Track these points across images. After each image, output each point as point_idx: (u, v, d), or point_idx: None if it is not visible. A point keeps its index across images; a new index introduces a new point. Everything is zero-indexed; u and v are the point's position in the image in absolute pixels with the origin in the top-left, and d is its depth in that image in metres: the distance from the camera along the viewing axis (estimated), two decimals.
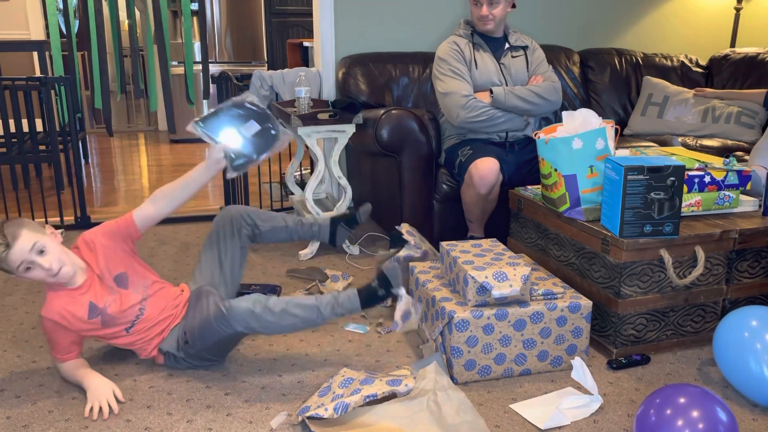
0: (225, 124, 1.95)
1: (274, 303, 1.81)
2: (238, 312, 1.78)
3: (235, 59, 5.92)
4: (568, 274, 2.23)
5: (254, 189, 4.18)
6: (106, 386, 1.81)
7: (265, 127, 1.97)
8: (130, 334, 1.91)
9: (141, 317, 1.91)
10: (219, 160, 1.95)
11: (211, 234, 2.16)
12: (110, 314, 1.86)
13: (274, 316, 1.80)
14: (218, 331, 1.80)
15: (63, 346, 1.87)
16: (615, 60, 3.81)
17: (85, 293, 1.85)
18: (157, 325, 1.94)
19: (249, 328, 1.80)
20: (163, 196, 1.94)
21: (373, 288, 1.88)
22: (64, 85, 3.16)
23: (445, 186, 2.83)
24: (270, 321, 1.80)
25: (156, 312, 1.93)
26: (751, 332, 1.77)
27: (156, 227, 3.38)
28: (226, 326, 1.79)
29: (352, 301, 1.87)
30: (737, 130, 3.41)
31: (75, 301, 1.83)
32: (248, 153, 1.96)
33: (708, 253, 2.03)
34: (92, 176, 4.55)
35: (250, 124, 1.96)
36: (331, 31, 3.48)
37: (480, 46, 2.82)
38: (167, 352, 1.95)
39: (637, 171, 1.88)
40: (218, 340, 1.85)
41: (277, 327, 1.82)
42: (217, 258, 2.13)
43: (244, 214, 2.17)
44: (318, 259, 2.91)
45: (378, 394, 1.71)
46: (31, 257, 1.74)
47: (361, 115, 2.85)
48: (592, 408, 1.77)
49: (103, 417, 1.74)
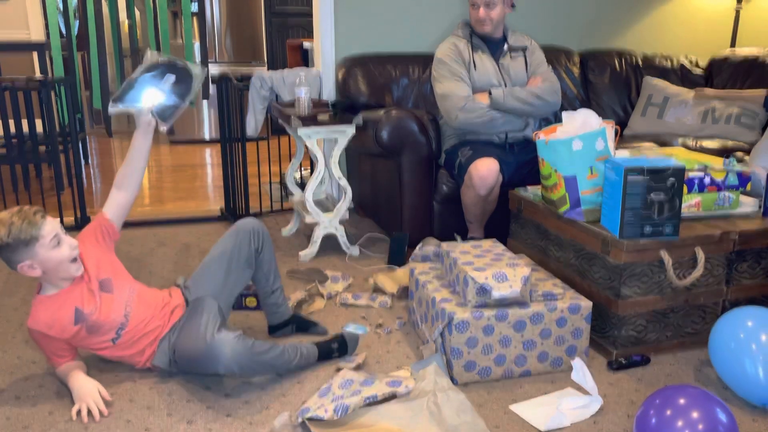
0: (143, 89, 2.00)
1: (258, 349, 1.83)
2: (228, 350, 1.75)
3: (235, 60, 5.92)
4: (568, 275, 2.23)
5: (254, 190, 4.18)
6: (89, 386, 1.80)
7: (180, 73, 2.03)
8: (116, 345, 1.88)
9: (126, 326, 1.87)
10: (148, 121, 1.98)
11: (226, 243, 2.06)
12: (94, 321, 1.82)
13: (255, 363, 1.81)
14: (204, 363, 1.77)
15: (55, 353, 1.86)
16: (615, 61, 3.82)
17: (72, 297, 1.82)
18: (144, 336, 1.90)
19: (230, 372, 1.77)
20: (123, 177, 1.98)
21: (331, 349, 2.05)
22: (64, 86, 3.16)
23: (445, 187, 2.83)
24: (250, 366, 1.81)
25: (142, 321, 1.89)
26: (746, 333, 1.77)
27: (156, 228, 3.38)
28: (212, 361, 1.75)
29: (311, 354, 2.01)
30: (737, 131, 3.41)
31: (61, 307, 1.80)
32: (173, 102, 2.02)
33: (708, 254, 2.03)
34: (92, 177, 4.55)
35: (167, 77, 2.01)
36: (331, 32, 3.48)
37: (479, 47, 2.82)
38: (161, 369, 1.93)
39: (637, 172, 1.88)
40: (204, 372, 1.84)
41: (252, 372, 1.86)
42: (223, 272, 2.04)
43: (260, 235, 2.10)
44: (318, 260, 2.91)
45: (378, 395, 1.71)
46: (60, 233, 1.77)
47: (361, 116, 2.85)
48: (592, 409, 1.77)
49: (94, 419, 1.73)
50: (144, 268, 2.81)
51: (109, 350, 1.89)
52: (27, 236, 1.71)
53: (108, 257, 1.94)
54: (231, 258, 2.04)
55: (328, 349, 2.04)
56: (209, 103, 5.83)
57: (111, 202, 1.97)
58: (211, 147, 5.73)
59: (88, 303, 1.83)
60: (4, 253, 1.73)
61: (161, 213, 3.66)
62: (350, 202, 2.95)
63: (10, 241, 1.70)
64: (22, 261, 1.74)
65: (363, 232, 3.28)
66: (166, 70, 2.02)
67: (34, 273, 1.76)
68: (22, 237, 1.70)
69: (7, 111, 3.28)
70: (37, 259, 1.74)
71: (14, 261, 1.74)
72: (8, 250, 1.71)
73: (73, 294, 1.83)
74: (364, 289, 2.60)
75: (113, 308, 1.86)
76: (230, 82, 3.23)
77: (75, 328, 1.82)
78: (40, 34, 5.42)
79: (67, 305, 1.81)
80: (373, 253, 3.00)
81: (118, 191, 1.97)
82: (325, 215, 2.91)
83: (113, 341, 1.87)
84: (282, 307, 2.19)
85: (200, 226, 3.43)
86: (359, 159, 3.37)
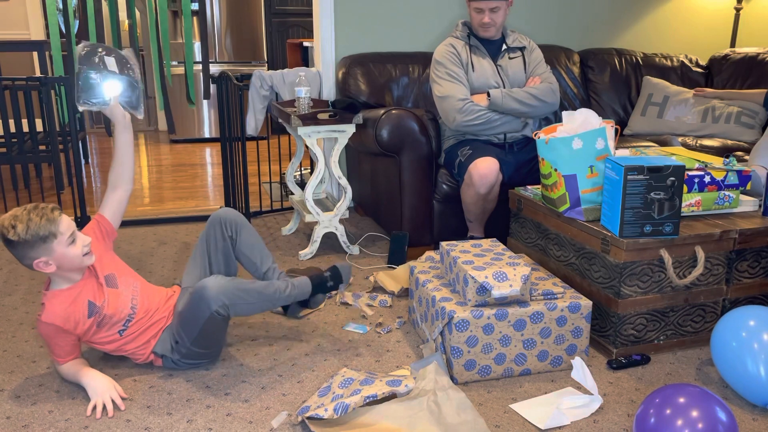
0: (97, 83, 2.00)
1: (243, 282, 1.88)
2: (211, 284, 1.80)
3: (235, 59, 5.92)
4: (568, 274, 2.23)
5: (254, 189, 4.18)
6: (106, 383, 1.81)
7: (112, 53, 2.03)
8: (123, 337, 1.90)
9: (133, 317, 1.91)
10: (122, 114, 2.01)
11: (201, 235, 2.18)
12: (105, 314, 1.85)
13: (242, 291, 1.85)
14: (197, 313, 1.81)
15: (64, 350, 1.86)
16: (615, 60, 3.81)
17: (85, 291, 1.84)
18: (150, 328, 1.93)
19: (222, 306, 1.80)
20: (116, 176, 2.01)
21: (324, 278, 2.09)
22: (64, 85, 3.16)
23: (445, 186, 2.83)
24: (239, 296, 1.84)
25: (148, 313, 1.93)
26: (748, 332, 1.77)
27: (156, 227, 3.38)
28: (202, 302, 1.79)
29: (304, 285, 2.05)
30: (737, 130, 3.41)
31: (75, 300, 1.83)
32: (131, 84, 2.04)
33: (708, 253, 2.03)
34: (92, 176, 4.55)
35: (109, 62, 2.01)
36: (331, 31, 3.48)
37: (477, 48, 2.82)
38: (163, 355, 1.95)
39: (637, 171, 1.88)
40: (201, 327, 1.85)
41: (245, 304, 1.87)
42: (206, 261, 2.16)
43: (230, 222, 2.17)
44: (317, 259, 2.91)
45: (378, 394, 1.71)
46: (75, 230, 1.79)
47: (361, 115, 2.85)
48: (592, 408, 1.77)
49: (108, 415, 1.74)
50: (144, 267, 2.81)
51: (116, 344, 1.91)
52: (46, 233, 1.71)
53: (109, 254, 1.96)
54: (208, 251, 2.16)
55: (321, 278, 2.07)
56: (209, 102, 5.83)
57: (107, 202, 2.00)
58: (211, 146, 5.73)
59: (99, 296, 1.86)
60: (21, 249, 1.72)
61: (161, 212, 3.66)
62: (350, 201, 2.95)
63: (29, 237, 1.69)
64: (38, 257, 1.73)
65: (363, 231, 3.28)
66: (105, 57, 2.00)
67: (49, 269, 1.76)
68: (40, 234, 1.70)
69: (7, 110, 3.28)
70: (54, 256, 1.74)
71: (30, 257, 1.74)
72: (26, 246, 1.71)
73: (85, 288, 1.85)
74: (364, 288, 2.60)
75: (120, 301, 1.89)
76: (230, 82, 3.23)
77: (89, 322, 1.84)
78: (40, 33, 5.43)
79: (80, 299, 1.83)
80: (373, 253, 3.00)
81: (113, 191, 2.00)
82: (325, 214, 2.91)
83: (120, 333, 1.90)
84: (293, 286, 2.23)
85: (200, 225, 3.43)
86: (359, 158, 3.37)
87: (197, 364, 1.98)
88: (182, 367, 1.97)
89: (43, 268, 1.75)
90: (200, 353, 1.94)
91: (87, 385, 1.81)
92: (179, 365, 1.96)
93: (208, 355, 1.97)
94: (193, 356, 1.94)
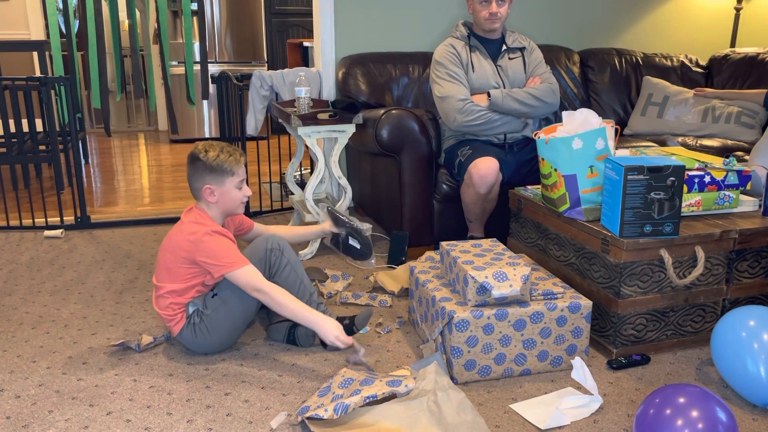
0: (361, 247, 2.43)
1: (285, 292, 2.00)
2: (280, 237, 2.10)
3: (235, 59, 5.92)
4: (568, 274, 2.23)
5: (254, 189, 4.18)
6: (332, 321, 1.96)
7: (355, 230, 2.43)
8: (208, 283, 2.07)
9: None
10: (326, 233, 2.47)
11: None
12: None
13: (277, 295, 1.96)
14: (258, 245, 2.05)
15: (236, 253, 1.97)
16: (615, 60, 3.81)
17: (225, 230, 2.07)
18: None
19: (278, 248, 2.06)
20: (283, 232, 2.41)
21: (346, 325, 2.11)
22: (64, 85, 3.17)
23: (445, 186, 2.83)
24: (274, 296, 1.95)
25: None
26: (748, 332, 1.77)
27: (156, 227, 3.38)
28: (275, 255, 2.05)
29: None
30: (737, 130, 3.41)
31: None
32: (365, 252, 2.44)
33: (708, 253, 2.03)
34: (92, 176, 4.55)
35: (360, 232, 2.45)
36: (331, 31, 3.48)
37: (477, 48, 2.82)
38: (191, 315, 2.02)
39: (637, 171, 1.88)
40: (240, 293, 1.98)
41: (274, 302, 1.95)
42: None
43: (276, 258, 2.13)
44: (318, 259, 2.91)
45: (378, 394, 1.71)
46: (246, 181, 2.09)
47: (361, 115, 2.85)
48: (592, 408, 1.77)
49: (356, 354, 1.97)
50: (144, 267, 2.81)
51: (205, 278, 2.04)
52: (228, 167, 2.01)
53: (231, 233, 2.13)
54: None
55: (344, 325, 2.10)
56: (209, 102, 5.83)
57: (264, 228, 2.35)
58: None
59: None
60: (202, 170, 2.00)
61: (161, 212, 3.66)
62: (350, 201, 2.95)
63: (214, 164, 2.00)
64: (210, 184, 2.01)
65: None
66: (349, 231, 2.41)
67: (212, 199, 2.03)
68: (224, 166, 2.01)
69: (7, 110, 3.28)
70: (221, 189, 2.02)
71: (204, 180, 2.01)
72: (207, 170, 2.00)
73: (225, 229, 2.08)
74: (364, 288, 2.60)
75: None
76: (230, 81, 3.23)
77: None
78: (40, 33, 5.42)
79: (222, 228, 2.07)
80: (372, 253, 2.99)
81: (275, 228, 2.38)
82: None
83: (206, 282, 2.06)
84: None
85: None
86: (359, 158, 3.37)
87: (210, 343, 2.02)
88: (197, 340, 2.01)
89: (207, 195, 2.02)
90: (221, 323, 2.00)
91: (314, 323, 1.94)
92: (196, 336, 2.01)
93: (225, 333, 2.02)
94: (215, 328, 2.00)
